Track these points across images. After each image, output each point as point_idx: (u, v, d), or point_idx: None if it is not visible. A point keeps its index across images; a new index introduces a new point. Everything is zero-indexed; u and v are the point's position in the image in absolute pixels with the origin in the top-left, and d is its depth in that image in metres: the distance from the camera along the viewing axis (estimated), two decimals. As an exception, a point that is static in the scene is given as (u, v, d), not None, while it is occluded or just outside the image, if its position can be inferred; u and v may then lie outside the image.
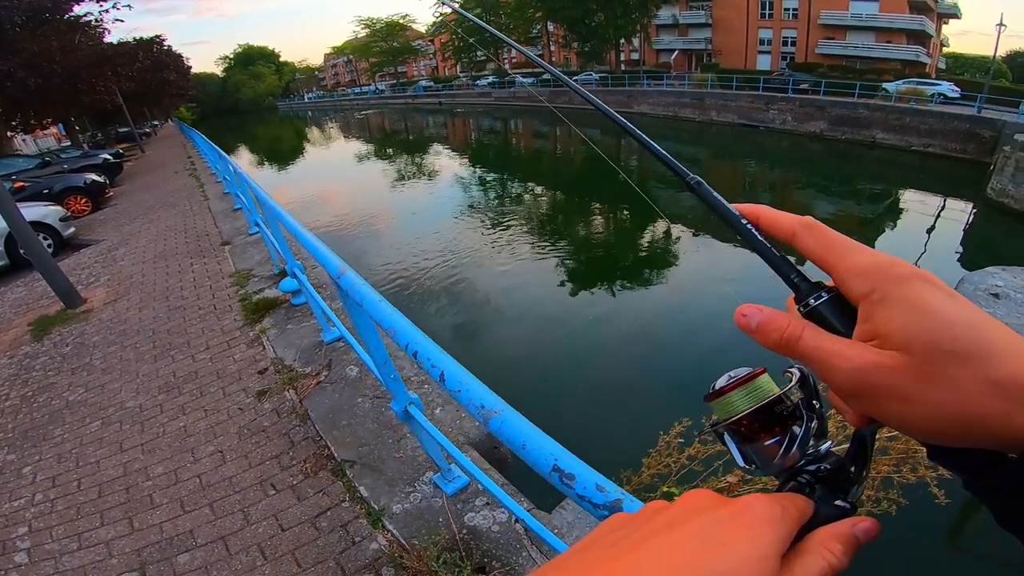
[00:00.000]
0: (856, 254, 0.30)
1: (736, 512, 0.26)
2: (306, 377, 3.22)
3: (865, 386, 0.27)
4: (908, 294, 0.27)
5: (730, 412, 0.35)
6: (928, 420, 0.26)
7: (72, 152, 18.02)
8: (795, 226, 0.32)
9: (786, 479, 0.35)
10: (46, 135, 36.12)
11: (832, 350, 0.28)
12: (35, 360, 4.29)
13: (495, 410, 0.65)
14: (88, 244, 8.10)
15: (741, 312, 0.32)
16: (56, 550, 2.28)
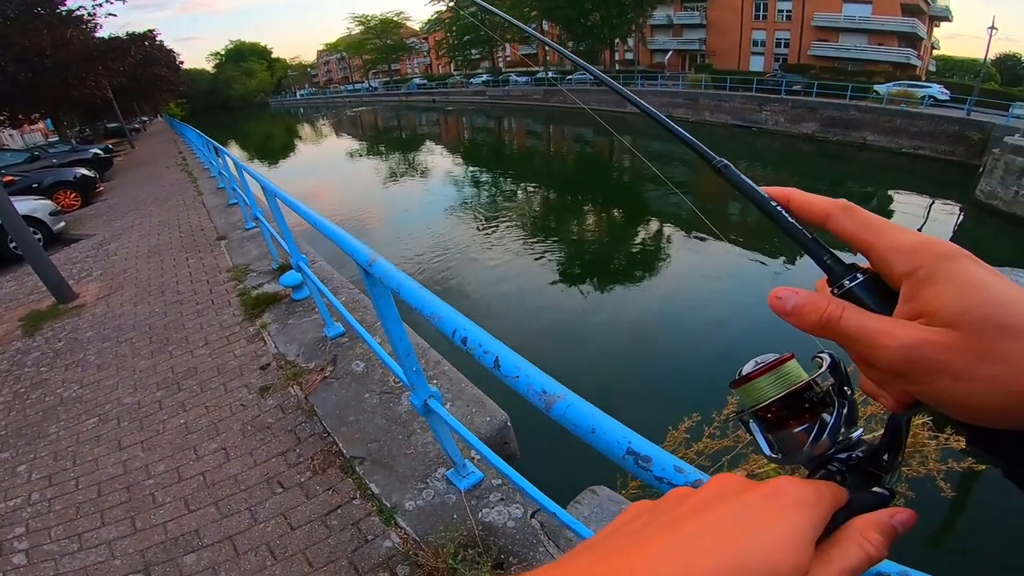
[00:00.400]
0: (897, 233, 0.29)
1: (768, 495, 0.26)
2: (310, 373, 3.16)
3: (914, 363, 0.26)
4: (955, 271, 0.26)
5: (758, 399, 0.34)
6: (981, 397, 0.25)
7: (61, 147, 17.70)
8: (829, 208, 0.32)
9: (815, 468, 0.35)
10: (33, 130, 35.51)
11: (877, 328, 0.28)
12: (27, 356, 4.18)
13: (558, 395, 0.61)
14: (79, 239, 7.95)
15: (776, 295, 0.31)
16: (56, 551, 2.21)
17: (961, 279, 0.26)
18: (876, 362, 0.28)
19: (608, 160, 22.66)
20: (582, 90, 36.33)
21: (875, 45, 31.73)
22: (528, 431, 3.93)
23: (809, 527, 0.25)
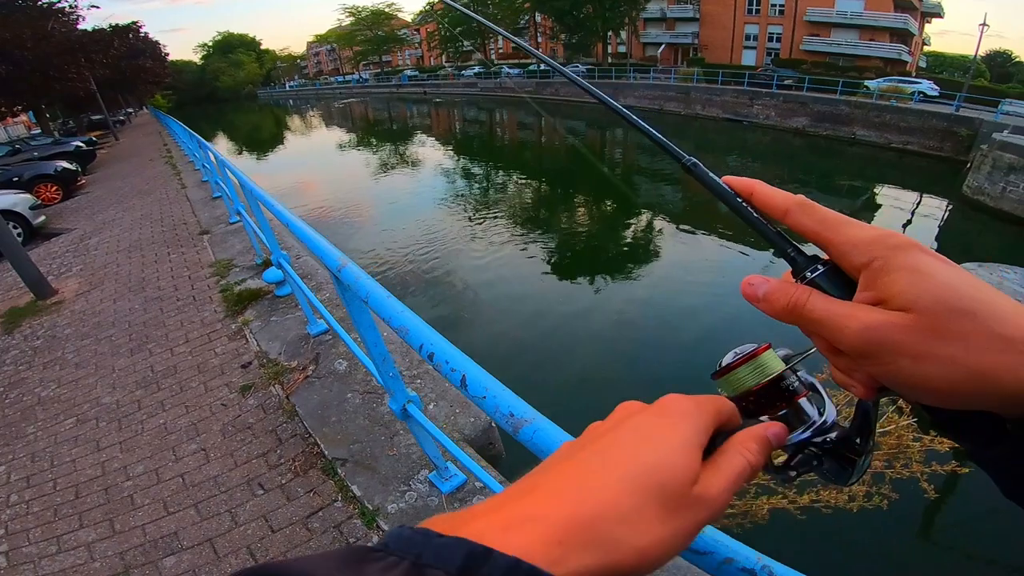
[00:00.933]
0: (853, 227, 0.31)
1: (657, 412, 0.30)
2: (292, 371, 3.12)
3: (876, 344, 0.28)
4: (909, 260, 0.28)
5: (737, 388, 0.36)
6: (940, 377, 0.27)
7: (43, 139, 17.35)
8: (789, 204, 0.34)
9: (793, 452, 0.36)
10: (16, 123, 34.75)
11: (840, 312, 0.29)
12: (5, 354, 4.10)
13: (526, 419, 0.59)
14: (59, 233, 7.79)
15: (748, 282, 0.34)
16: (34, 553, 2.18)
17: (914, 267, 0.28)
18: (841, 343, 0.30)
19: (599, 151, 22.61)
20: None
21: (867, 41, 31.86)
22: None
23: (693, 433, 0.29)
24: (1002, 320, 0.26)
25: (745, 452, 0.30)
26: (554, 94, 37.09)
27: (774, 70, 27.57)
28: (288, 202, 13.10)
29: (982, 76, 35.26)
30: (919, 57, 35.35)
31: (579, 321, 6.70)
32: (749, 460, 0.30)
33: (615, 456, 0.27)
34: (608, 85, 33.17)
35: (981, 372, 0.26)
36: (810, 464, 0.36)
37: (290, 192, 15.63)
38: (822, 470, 0.37)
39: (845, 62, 30.92)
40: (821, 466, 0.37)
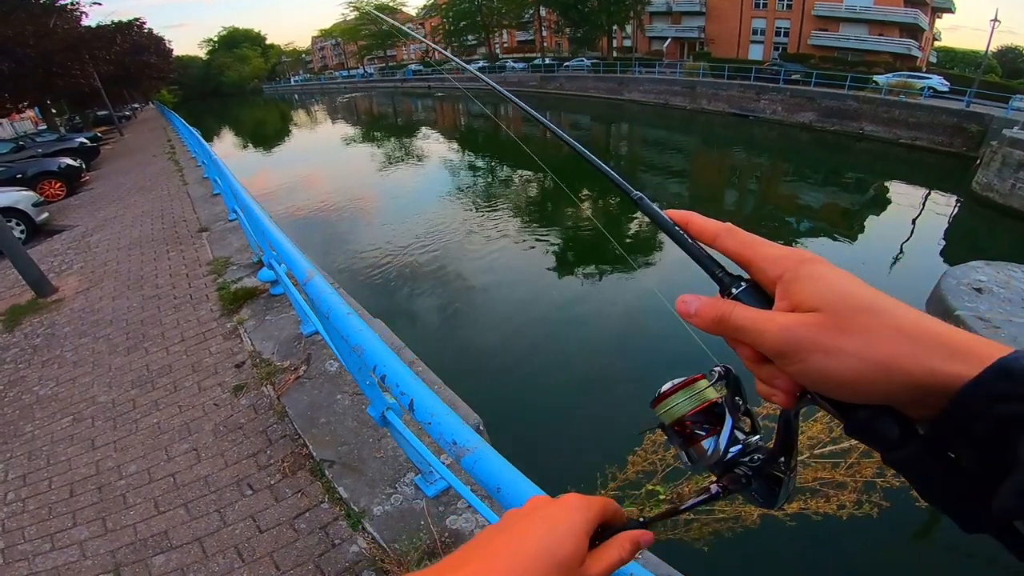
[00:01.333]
0: (767, 247, 0.35)
1: (560, 504, 0.38)
2: (284, 372, 3.13)
3: (792, 342, 0.31)
4: (813, 271, 0.32)
5: (674, 414, 0.40)
6: (850, 368, 0.29)
7: (48, 136, 17.47)
8: (718, 230, 0.38)
9: (722, 471, 0.40)
10: (23, 119, 34.97)
11: (760, 318, 0.33)
12: (5, 352, 4.14)
13: (468, 448, 0.58)
14: (61, 230, 7.85)
15: (682, 300, 0.37)
16: (29, 551, 2.21)
17: (818, 276, 0.32)
18: (762, 346, 0.33)
19: (605, 146, 22.50)
20: (580, 77, 36.04)
21: (876, 35, 31.40)
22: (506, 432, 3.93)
23: (583, 523, 0.37)
24: (897, 316, 0.29)
25: (620, 549, 0.39)
26: (559, 88, 36.90)
27: (781, 65, 27.24)
28: (293, 197, 13.22)
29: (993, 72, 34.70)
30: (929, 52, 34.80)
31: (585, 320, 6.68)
32: (622, 556, 0.38)
33: (524, 540, 0.35)
34: (613, 79, 32.96)
35: (886, 362, 0.28)
36: (739, 483, 0.39)
37: (298, 186, 15.67)
38: (750, 491, 0.40)
39: (854, 57, 30.48)
40: (749, 486, 0.39)
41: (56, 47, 16.44)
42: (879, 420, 0.30)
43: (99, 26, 22.23)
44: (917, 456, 0.30)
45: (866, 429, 0.31)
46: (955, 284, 5.79)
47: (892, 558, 3.19)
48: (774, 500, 0.39)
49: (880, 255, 9.36)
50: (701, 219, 0.40)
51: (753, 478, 0.39)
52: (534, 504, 0.40)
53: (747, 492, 0.40)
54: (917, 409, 0.30)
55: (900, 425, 0.30)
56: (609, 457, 3.20)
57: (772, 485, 0.39)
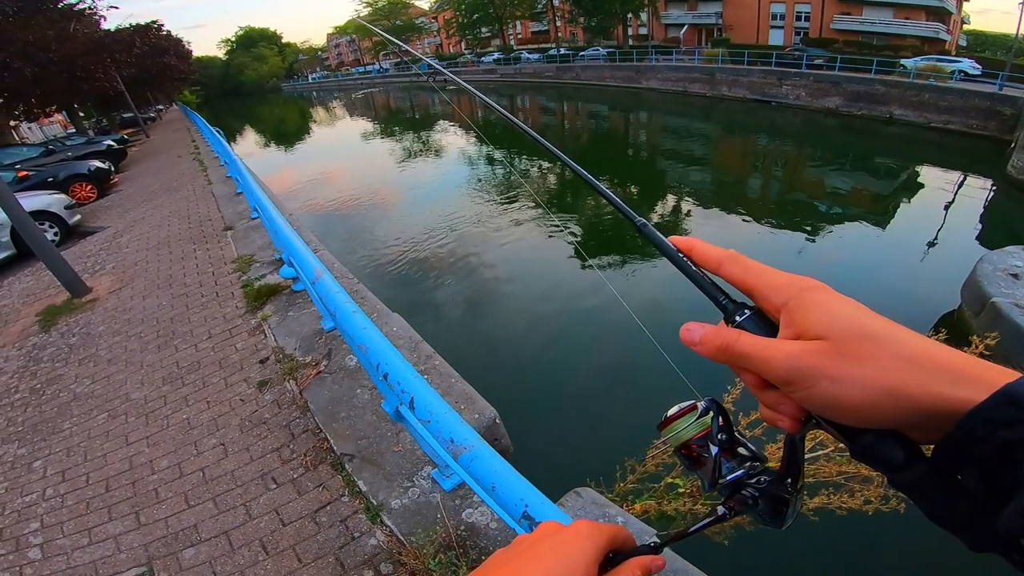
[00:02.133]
0: (771, 275, 0.36)
1: (570, 532, 0.39)
2: (306, 367, 3.21)
3: (797, 370, 0.31)
4: (817, 298, 0.33)
5: (680, 438, 0.42)
6: (856, 395, 0.30)
7: (77, 139, 18.01)
8: (721, 257, 0.39)
9: (730, 493, 0.41)
10: (51, 122, 36.09)
11: (765, 346, 0.34)
12: (43, 351, 4.33)
13: (465, 446, 0.61)
14: (94, 231, 8.13)
15: (686, 328, 0.37)
16: (68, 546, 2.31)
17: (822, 303, 0.32)
18: (768, 373, 0.33)
19: (623, 136, 22.23)
20: (596, 67, 35.58)
21: (901, 19, 30.27)
22: (524, 425, 3.96)
23: (592, 551, 0.37)
24: (902, 343, 0.30)
25: (630, 574, 0.38)
26: (575, 78, 36.51)
27: (803, 49, 26.42)
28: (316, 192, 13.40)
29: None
30: (958, 36, 33.40)
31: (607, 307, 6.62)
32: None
33: (534, 567, 0.36)
34: (630, 68, 32.47)
35: (892, 389, 0.29)
36: (746, 504, 0.40)
37: (318, 182, 15.92)
38: (757, 511, 0.40)
39: (879, 41, 29.43)
40: (756, 507, 0.40)
41: (78, 51, 16.83)
42: (884, 444, 0.31)
43: (118, 29, 22.72)
44: (922, 479, 0.30)
45: (871, 453, 0.32)
46: (991, 270, 5.59)
47: (919, 554, 3.13)
48: (781, 520, 0.40)
49: (913, 240, 9.09)
50: (705, 246, 0.40)
51: (760, 499, 0.40)
52: (544, 531, 0.40)
53: (754, 513, 0.41)
54: (923, 432, 0.30)
55: (905, 448, 0.31)
56: (627, 450, 3.20)
57: (779, 506, 0.40)
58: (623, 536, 0.41)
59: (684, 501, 2.76)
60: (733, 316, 0.37)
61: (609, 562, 0.39)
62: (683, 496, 2.85)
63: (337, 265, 4.85)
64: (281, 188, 14.24)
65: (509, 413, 2.90)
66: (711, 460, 0.41)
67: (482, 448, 0.63)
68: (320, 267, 1.20)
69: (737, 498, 0.40)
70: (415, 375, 0.68)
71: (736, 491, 0.41)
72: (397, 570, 1.83)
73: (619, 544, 0.41)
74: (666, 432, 0.42)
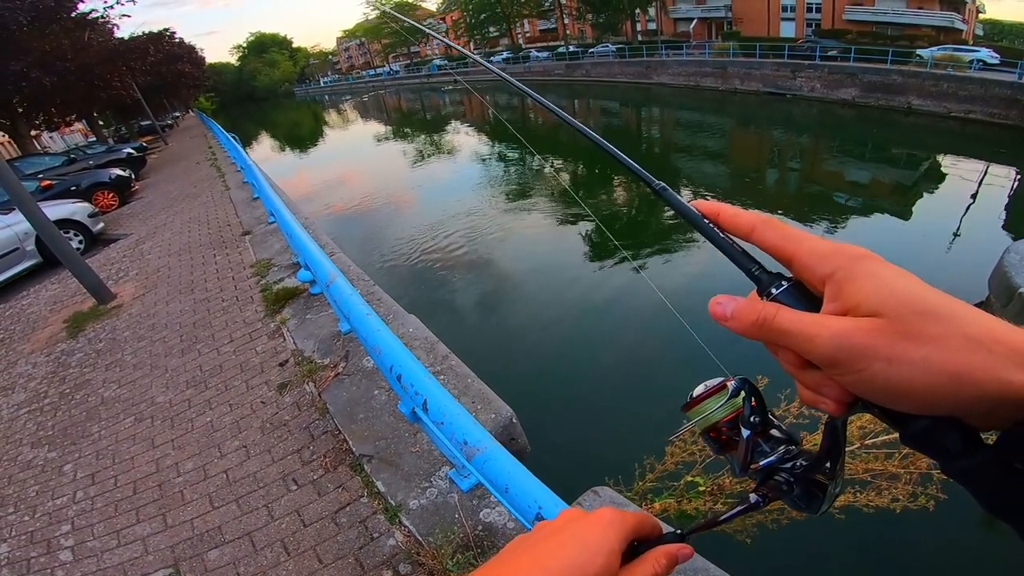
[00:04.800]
0: (815, 241, 0.32)
1: (592, 519, 0.37)
2: (324, 369, 3.27)
3: (848, 350, 0.28)
4: (870, 269, 0.29)
5: (708, 420, 0.39)
6: (913, 379, 0.27)
7: (97, 147, 18.43)
8: (754, 221, 0.35)
9: (762, 479, 0.38)
10: (73, 131, 36.96)
11: (809, 322, 0.30)
12: (71, 357, 4.46)
13: (478, 447, 0.62)
14: (116, 239, 8.33)
15: (716, 301, 0.34)
16: (98, 547, 2.39)
17: (876, 275, 0.29)
18: (811, 353, 0.30)
19: (636, 131, 22.11)
20: (606, 63, 35.38)
21: (915, 9, 29.63)
22: (541, 423, 3.97)
23: (615, 539, 0.35)
24: (968, 322, 0.27)
25: (655, 565, 0.36)
26: (585, 75, 36.34)
27: (816, 41, 26.02)
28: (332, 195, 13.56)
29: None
30: (975, 25, 32.60)
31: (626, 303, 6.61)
32: (656, 572, 0.36)
33: (554, 555, 0.34)
34: (640, 63, 32.24)
35: (957, 373, 0.26)
36: (779, 490, 0.38)
37: (333, 185, 16.12)
38: (791, 497, 0.38)
39: (893, 31, 28.90)
40: (791, 492, 0.37)
41: (94, 60, 17.15)
42: (941, 431, 0.28)
43: (132, 37, 23.16)
44: (983, 467, 0.28)
45: (926, 440, 0.29)
46: (1019, 260, 5.44)
47: (950, 553, 3.07)
48: (817, 506, 0.38)
49: (937, 231, 8.90)
50: (733, 210, 0.36)
51: (795, 484, 0.37)
52: (567, 517, 0.38)
53: (788, 499, 0.38)
54: (980, 419, 0.28)
55: (963, 435, 0.28)
56: (646, 448, 3.19)
57: (815, 491, 0.37)
58: (649, 524, 0.39)
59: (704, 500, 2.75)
60: (768, 288, 0.33)
61: (633, 551, 0.37)
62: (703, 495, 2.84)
63: (353, 268, 4.91)
64: (297, 192, 14.43)
65: (526, 412, 2.92)
66: (743, 443, 0.38)
67: (495, 450, 0.65)
68: (334, 270, 1.23)
69: (770, 484, 0.38)
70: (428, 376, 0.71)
71: (769, 477, 0.38)
72: (416, 570, 1.86)
73: (645, 532, 0.38)
74: (692, 414, 0.39)
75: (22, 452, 3.28)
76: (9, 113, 17.28)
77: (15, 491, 2.92)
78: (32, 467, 3.10)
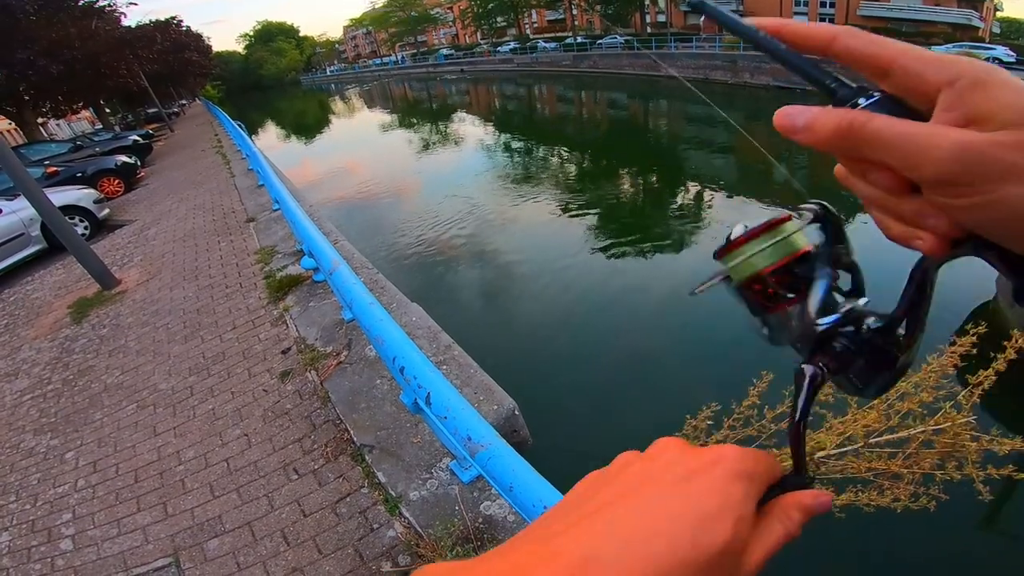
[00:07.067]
0: (918, 49, 0.24)
1: (709, 464, 0.25)
2: (327, 357, 3.24)
3: (976, 164, 0.22)
4: (1005, 77, 0.23)
5: (747, 269, 0.30)
6: None
7: (104, 135, 18.47)
8: (834, 31, 0.27)
9: (814, 347, 0.29)
10: (79, 119, 37.06)
11: (922, 129, 0.23)
12: (75, 343, 4.46)
13: (483, 444, 0.59)
14: (121, 225, 8.34)
15: (784, 113, 0.27)
16: (98, 536, 2.38)
17: (1013, 84, 0.22)
18: (922, 167, 0.23)
19: (643, 124, 21.93)
20: (614, 55, 35.03)
21: (932, 5, 29.17)
22: (544, 415, 3.94)
23: (749, 499, 0.25)
24: None
25: (787, 522, 0.26)
26: (592, 67, 36.02)
27: (830, 35, 25.71)
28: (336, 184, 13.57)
29: (1058, 42, 31.53)
30: (991, 23, 32.12)
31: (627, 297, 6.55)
32: (790, 530, 0.26)
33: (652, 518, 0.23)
34: (649, 56, 31.93)
35: None
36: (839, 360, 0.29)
37: (338, 173, 16.10)
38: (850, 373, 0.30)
39: (908, 28, 28.47)
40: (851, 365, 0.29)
41: (101, 48, 17.24)
42: None
43: (139, 25, 23.19)
44: None
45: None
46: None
47: (948, 554, 3.04)
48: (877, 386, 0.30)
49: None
50: (802, 24, 0.29)
51: (857, 356, 0.29)
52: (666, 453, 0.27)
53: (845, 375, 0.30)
54: None
55: None
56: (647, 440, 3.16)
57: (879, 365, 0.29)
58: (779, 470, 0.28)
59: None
60: (853, 101, 0.26)
61: None
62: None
63: (357, 255, 4.88)
64: (302, 180, 14.42)
65: (529, 403, 2.88)
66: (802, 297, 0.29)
67: (500, 446, 0.61)
68: (337, 258, 1.19)
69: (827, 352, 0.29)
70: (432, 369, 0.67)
71: (823, 344, 0.29)
72: (415, 562, 1.84)
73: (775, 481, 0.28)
74: (729, 259, 0.31)
75: (25, 439, 3.28)
76: (15, 101, 17.35)
77: (17, 479, 2.92)
78: (35, 454, 3.10)
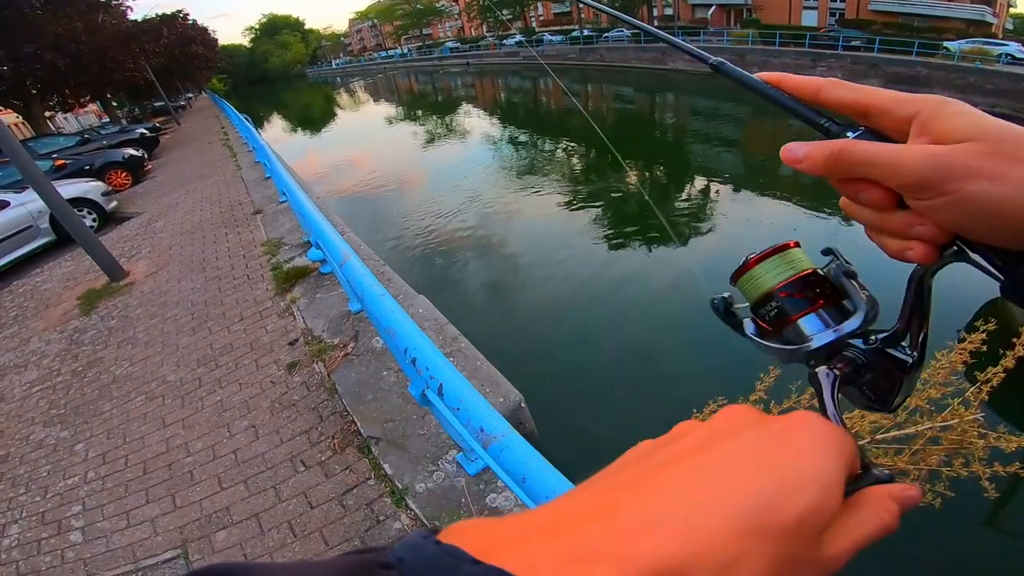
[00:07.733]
0: (890, 92, 0.30)
1: (794, 427, 0.23)
2: (334, 349, 3.25)
3: (943, 168, 0.26)
4: (959, 108, 0.27)
5: (759, 288, 0.33)
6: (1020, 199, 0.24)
7: (111, 128, 18.52)
8: (820, 83, 0.33)
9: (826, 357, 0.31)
10: (87, 112, 37.20)
11: (896, 148, 0.28)
12: (84, 334, 4.49)
13: (496, 435, 0.58)
14: (129, 217, 8.37)
15: (788, 148, 0.31)
16: (107, 528, 2.39)
17: (967, 112, 0.27)
18: (899, 176, 0.27)
19: (650, 117, 21.79)
20: (621, 48, 34.79)
21: (945, 1, 28.79)
22: (550, 407, 3.94)
23: (840, 468, 0.22)
24: None
25: (884, 514, 0.23)
26: (599, 60, 35.81)
27: (839, 31, 25.38)
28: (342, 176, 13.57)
29: (1072, 38, 31.09)
30: (1005, 18, 31.75)
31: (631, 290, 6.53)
32: (886, 522, 0.23)
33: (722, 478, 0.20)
34: (655, 50, 31.70)
35: None
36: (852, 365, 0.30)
37: (344, 166, 16.11)
38: (859, 384, 0.31)
39: (920, 23, 28.12)
40: (860, 378, 0.30)
41: (107, 42, 17.31)
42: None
43: (145, 19, 23.23)
44: None
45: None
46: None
47: (952, 552, 3.03)
48: (891, 397, 0.31)
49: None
50: (796, 77, 0.35)
51: (866, 367, 0.30)
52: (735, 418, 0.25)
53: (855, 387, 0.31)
54: None
55: None
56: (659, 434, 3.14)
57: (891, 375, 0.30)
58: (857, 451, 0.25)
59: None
60: (842, 135, 0.31)
61: None
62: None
63: (363, 247, 4.88)
64: (308, 173, 14.43)
65: (534, 396, 2.88)
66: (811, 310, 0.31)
67: (513, 438, 0.61)
68: (348, 250, 1.19)
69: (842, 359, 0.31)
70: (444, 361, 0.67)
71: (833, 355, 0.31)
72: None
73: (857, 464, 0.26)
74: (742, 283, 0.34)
75: (34, 431, 3.31)
76: (23, 95, 17.44)
77: (27, 471, 2.94)
78: (44, 446, 3.13)
